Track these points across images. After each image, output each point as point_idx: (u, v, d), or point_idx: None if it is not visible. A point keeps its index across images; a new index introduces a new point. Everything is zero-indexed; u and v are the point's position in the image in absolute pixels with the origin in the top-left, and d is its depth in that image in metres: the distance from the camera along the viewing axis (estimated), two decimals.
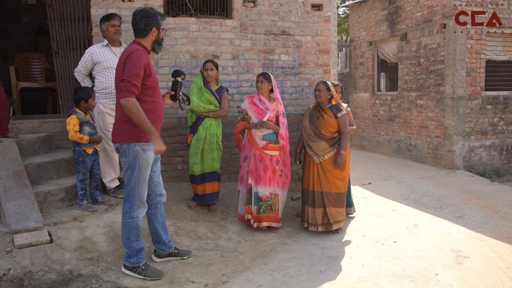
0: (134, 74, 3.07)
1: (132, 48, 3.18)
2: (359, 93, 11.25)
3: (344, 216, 4.70)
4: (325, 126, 4.55)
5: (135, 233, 3.32)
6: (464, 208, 5.48)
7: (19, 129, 4.73)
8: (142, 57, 3.14)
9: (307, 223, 4.61)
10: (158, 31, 3.30)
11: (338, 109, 4.59)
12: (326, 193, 4.53)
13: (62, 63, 5.05)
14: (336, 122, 4.55)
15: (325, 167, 4.53)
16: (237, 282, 3.39)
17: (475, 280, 3.45)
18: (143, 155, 3.23)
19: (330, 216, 4.52)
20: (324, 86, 4.58)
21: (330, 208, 4.52)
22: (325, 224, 4.55)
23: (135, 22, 3.26)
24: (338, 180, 4.55)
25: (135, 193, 3.28)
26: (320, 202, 4.54)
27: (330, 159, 4.53)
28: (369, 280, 3.43)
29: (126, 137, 3.21)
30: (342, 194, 4.61)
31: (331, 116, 4.55)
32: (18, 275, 3.10)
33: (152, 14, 3.25)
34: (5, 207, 3.55)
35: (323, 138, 4.55)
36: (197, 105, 4.58)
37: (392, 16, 9.76)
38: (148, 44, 3.30)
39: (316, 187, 4.56)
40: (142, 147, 3.23)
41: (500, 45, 8.34)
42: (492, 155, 8.31)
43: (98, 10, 4.84)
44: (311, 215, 4.56)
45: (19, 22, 7.61)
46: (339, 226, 4.60)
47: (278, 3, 5.60)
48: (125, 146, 3.22)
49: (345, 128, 4.56)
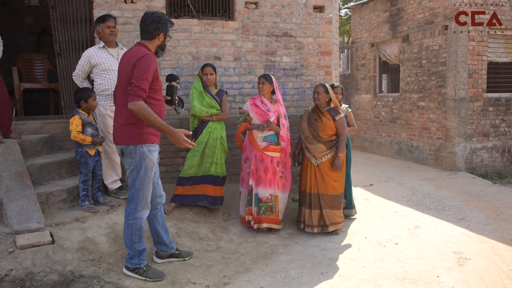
0: (143, 79, 3.08)
1: (142, 52, 3.16)
2: (361, 95, 11.25)
3: (342, 218, 4.70)
4: (323, 129, 4.56)
5: (138, 234, 3.33)
6: (466, 210, 5.47)
7: (21, 130, 4.74)
8: (153, 62, 3.15)
9: (303, 224, 4.63)
10: (165, 37, 3.33)
11: (336, 112, 4.60)
12: (322, 195, 4.55)
13: (65, 64, 5.06)
14: (334, 125, 4.57)
15: (322, 170, 4.55)
16: (238, 284, 3.39)
17: (477, 282, 3.44)
18: (149, 156, 3.25)
19: (327, 218, 4.54)
20: (322, 88, 4.60)
21: (327, 210, 4.54)
22: (321, 225, 4.57)
23: (145, 24, 3.27)
24: (335, 182, 4.57)
25: (139, 194, 3.28)
26: (316, 204, 4.56)
27: (328, 161, 4.55)
28: (371, 282, 3.43)
29: (132, 139, 3.22)
30: (339, 196, 4.63)
31: (329, 119, 4.56)
32: (20, 275, 3.11)
33: (164, 20, 3.28)
34: (7, 208, 3.56)
35: (321, 141, 4.57)
36: (199, 110, 4.58)
37: (394, 17, 9.76)
38: (153, 48, 3.31)
39: (313, 189, 4.58)
40: (149, 148, 3.25)
41: (502, 47, 8.33)
42: (494, 157, 8.29)
43: (101, 12, 4.85)
44: (308, 216, 4.58)
45: (22, 23, 7.63)
46: (336, 227, 4.61)
47: (280, 5, 5.60)
48: (132, 148, 3.23)
49: (343, 131, 4.57)
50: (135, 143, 3.22)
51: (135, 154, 3.23)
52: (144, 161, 3.23)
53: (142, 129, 3.20)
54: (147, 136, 3.23)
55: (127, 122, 3.23)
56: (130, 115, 3.18)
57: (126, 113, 3.20)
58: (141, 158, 3.23)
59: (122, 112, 3.25)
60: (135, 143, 3.22)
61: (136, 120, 3.17)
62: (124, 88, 3.19)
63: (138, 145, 3.22)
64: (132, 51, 3.23)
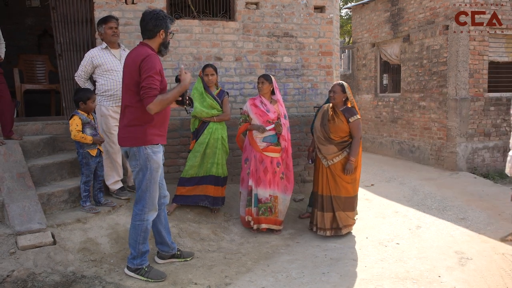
0: (152, 77, 3.06)
1: (146, 52, 3.14)
2: (362, 95, 11.25)
3: (354, 220, 4.64)
4: (334, 131, 4.42)
5: (143, 236, 3.33)
6: (467, 209, 5.47)
7: (22, 131, 4.74)
8: (157, 61, 3.14)
9: (316, 227, 4.54)
10: (166, 34, 3.29)
11: (351, 113, 4.42)
12: (335, 197, 4.44)
13: (66, 65, 5.07)
14: (348, 127, 4.39)
15: (334, 171, 4.43)
16: (240, 284, 3.39)
17: (478, 282, 3.43)
18: (154, 157, 3.24)
19: (340, 220, 4.44)
20: (339, 88, 4.42)
21: (340, 212, 4.44)
22: (334, 228, 4.48)
23: (144, 23, 3.24)
24: (348, 184, 4.44)
25: (146, 196, 3.28)
26: (329, 207, 4.45)
27: (339, 162, 4.42)
28: (372, 282, 3.43)
29: (136, 140, 3.21)
30: (352, 198, 4.51)
31: (342, 121, 4.40)
32: (22, 276, 3.11)
33: (162, 17, 3.24)
34: (9, 209, 3.56)
35: (332, 142, 4.43)
36: (200, 110, 4.58)
37: (395, 17, 9.76)
38: (155, 46, 3.28)
39: (325, 191, 4.47)
40: (153, 150, 3.24)
41: (503, 47, 8.32)
42: (495, 156, 8.28)
43: (102, 13, 4.86)
44: (320, 219, 4.49)
45: (23, 24, 7.65)
46: (348, 230, 4.55)
47: (280, 5, 5.61)
48: (136, 149, 3.23)
49: (357, 133, 4.38)
50: (139, 144, 3.21)
51: (140, 156, 3.22)
52: (149, 162, 3.23)
53: (146, 130, 3.20)
54: (151, 137, 3.23)
55: (130, 124, 3.23)
56: (133, 117, 3.19)
57: (130, 115, 3.20)
58: (146, 160, 3.22)
59: (126, 114, 3.25)
60: (139, 144, 3.21)
61: (139, 122, 3.18)
62: (127, 89, 3.20)
63: (142, 146, 3.21)
64: (135, 52, 3.20)
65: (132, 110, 3.19)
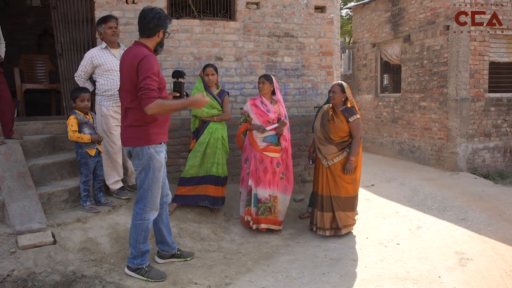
0: (149, 78, 3.04)
1: (143, 53, 3.12)
2: (362, 95, 11.24)
3: (354, 220, 4.64)
4: (334, 131, 4.42)
5: (144, 235, 3.33)
6: (467, 210, 5.46)
7: (23, 131, 4.75)
8: (154, 62, 3.13)
9: (315, 227, 4.55)
10: (164, 34, 3.29)
11: (351, 113, 4.42)
12: (335, 197, 4.45)
13: (66, 64, 5.07)
14: (348, 127, 4.40)
15: (333, 171, 4.43)
16: (240, 284, 3.39)
17: (478, 283, 3.43)
18: (156, 157, 3.24)
19: (339, 220, 4.45)
20: (338, 88, 4.44)
21: (339, 212, 4.44)
22: (334, 228, 4.48)
23: (145, 21, 3.19)
24: (348, 184, 4.44)
25: (148, 195, 3.28)
26: (329, 207, 4.46)
27: (339, 163, 4.43)
28: (372, 282, 3.43)
29: (139, 140, 3.21)
30: (352, 198, 4.51)
31: (342, 121, 4.40)
32: (22, 276, 3.11)
33: (164, 17, 3.22)
34: (9, 208, 3.56)
35: (332, 143, 4.43)
36: (200, 110, 4.58)
37: (395, 17, 9.76)
38: (152, 45, 3.26)
39: (325, 191, 4.48)
40: (156, 149, 3.24)
41: (504, 47, 8.32)
42: (496, 157, 8.28)
43: (102, 12, 4.86)
44: (320, 219, 4.50)
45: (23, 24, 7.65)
46: (348, 230, 4.55)
47: (281, 5, 5.61)
48: (139, 149, 3.23)
49: (357, 133, 4.38)
50: (142, 144, 3.21)
51: (143, 156, 3.23)
52: (152, 162, 3.23)
53: (148, 130, 3.20)
54: (154, 136, 3.23)
55: (132, 124, 3.22)
56: (135, 118, 3.18)
57: (131, 115, 3.20)
58: (149, 159, 3.22)
59: (127, 114, 3.25)
60: (142, 144, 3.21)
61: (142, 122, 3.17)
62: (127, 90, 3.19)
63: (145, 146, 3.21)
64: (132, 53, 3.16)
65: (134, 112, 3.18)
